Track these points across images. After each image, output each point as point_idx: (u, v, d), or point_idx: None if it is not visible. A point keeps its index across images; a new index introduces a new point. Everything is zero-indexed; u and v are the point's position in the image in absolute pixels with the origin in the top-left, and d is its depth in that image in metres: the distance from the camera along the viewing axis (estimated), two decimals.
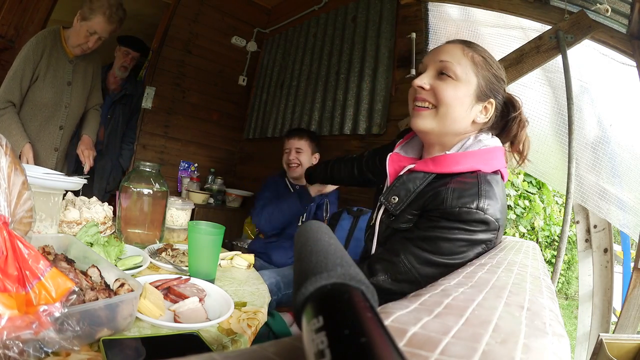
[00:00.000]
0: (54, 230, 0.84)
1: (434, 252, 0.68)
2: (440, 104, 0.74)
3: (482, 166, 0.72)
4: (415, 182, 0.76)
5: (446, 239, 0.67)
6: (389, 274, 0.71)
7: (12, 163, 0.52)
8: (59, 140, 1.70)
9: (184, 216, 1.25)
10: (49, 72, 1.58)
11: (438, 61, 0.76)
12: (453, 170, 0.73)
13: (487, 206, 0.66)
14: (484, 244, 0.67)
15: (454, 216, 0.67)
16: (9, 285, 0.42)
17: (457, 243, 0.67)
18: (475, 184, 0.68)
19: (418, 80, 0.76)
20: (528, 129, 0.83)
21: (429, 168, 0.76)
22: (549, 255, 4.10)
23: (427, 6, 1.87)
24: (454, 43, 0.78)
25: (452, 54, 0.75)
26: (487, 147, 0.75)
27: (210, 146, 3.05)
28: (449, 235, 0.67)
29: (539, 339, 0.25)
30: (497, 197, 0.68)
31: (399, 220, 0.77)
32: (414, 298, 0.32)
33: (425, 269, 0.68)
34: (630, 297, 1.23)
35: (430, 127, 0.76)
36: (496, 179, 0.72)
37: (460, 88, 0.73)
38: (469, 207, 0.65)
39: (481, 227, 0.66)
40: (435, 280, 0.66)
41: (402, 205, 0.76)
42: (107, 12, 1.53)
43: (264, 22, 3.15)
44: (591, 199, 1.37)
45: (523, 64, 1.48)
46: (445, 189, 0.69)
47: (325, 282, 0.19)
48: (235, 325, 0.64)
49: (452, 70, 0.73)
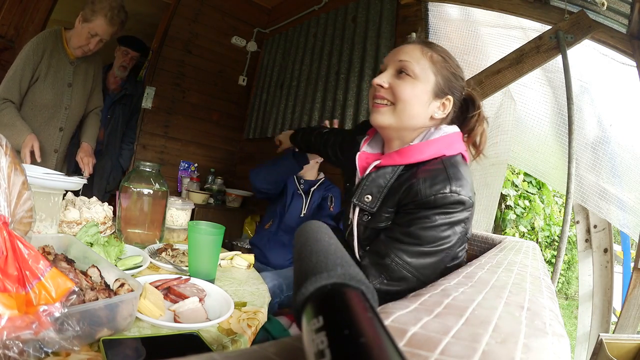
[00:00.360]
0: (54, 230, 0.84)
1: (421, 243, 0.70)
2: (397, 101, 0.78)
3: (446, 151, 0.76)
4: (385, 177, 0.78)
5: (429, 227, 0.70)
6: (383, 275, 0.73)
7: (12, 163, 0.52)
8: (59, 141, 1.70)
9: (184, 216, 1.25)
10: (49, 73, 1.58)
11: (397, 61, 0.80)
12: (419, 160, 0.77)
13: (459, 187, 0.69)
14: (463, 222, 0.72)
15: (432, 204, 0.70)
16: (9, 285, 0.42)
17: (440, 228, 0.70)
18: (442, 170, 0.72)
19: (377, 79, 0.80)
20: (528, 129, 0.84)
21: (395, 161, 0.79)
22: (549, 255, 4.11)
23: (427, 6, 1.87)
24: (413, 43, 0.82)
25: (411, 54, 0.79)
26: (447, 134, 0.79)
27: (210, 146, 3.05)
28: (431, 223, 0.70)
29: (539, 339, 0.25)
30: (464, 177, 0.72)
31: (377, 219, 0.78)
32: (414, 298, 0.32)
33: (418, 261, 0.71)
34: (630, 297, 1.23)
35: (388, 123, 0.79)
36: (459, 160, 0.76)
37: (418, 86, 0.77)
38: (444, 192, 0.69)
39: (459, 208, 0.70)
40: (429, 269, 0.71)
41: (376, 202, 0.78)
42: (109, 14, 1.52)
43: (264, 22, 3.15)
44: (591, 199, 1.37)
45: (523, 64, 1.48)
46: (416, 181, 0.72)
47: (325, 282, 0.19)
48: (235, 325, 0.64)
49: (411, 69, 0.77)
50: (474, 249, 1.12)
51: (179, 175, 2.89)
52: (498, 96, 1.62)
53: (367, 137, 0.91)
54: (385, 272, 0.72)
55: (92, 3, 1.52)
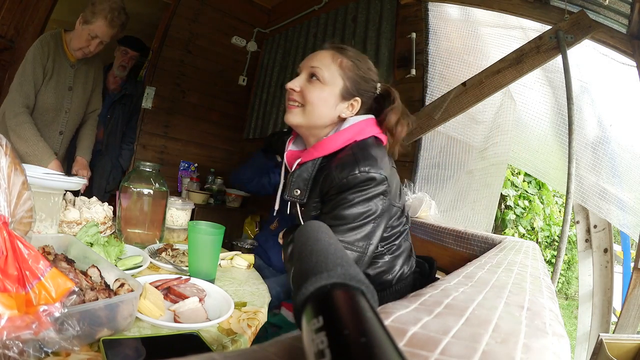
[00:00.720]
0: (54, 230, 0.84)
1: (347, 222, 0.79)
2: (306, 103, 0.88)
3: (357, 137, 0.85)
4: (307, 171, 0.88)
5: (349, 206, 0.79)
6: None
7: (12, 163, 0.52)
8: (59, 145, 1.69)
9: (184, 216, 1.25)
10: (52, 77, 1.57)
11: (310, 67, 0.90)
12: (333, 149, 0.86)
13: (367, 167, 0.77)
14: (381, 195, 0.80)
15: (346, 186, 0.79)
16: (9, 285, 0.42)
17: (360, 205, 0.79)
18: (350, 155, 0.81)
19: (290, 84, 0.91)
20: (528, 129, 0.86)
21: (313, 155, 0.88)
22: (549, 255, 4.11)
23: (427, 6, 1.87)
24: (326, 49, 0.93)
25: (322, 60, 0.90)
26: (357, 122, 0.87)
27: (210, 146, 3.05)
28: (349, 202, 0.79)
29: (539, 339, 0.25)
30: (372, 155, 0.80)
31: (309, 209, 0.87)
32: (413, 298, 0.32)
33: (350, 236, 0.79)
34: (630, 297, 1.23)
35: (298, 122, 0.89)
36: (369, 142, 0.85)
37: (326, 90, 0.87)
38: (354, 174, 0.78)
39: (371, 184, 0.78)
40: (364, 240, 0.80)
41: (305, 194, 0.87)
42: (109, 16, 1.51)
43: (264, 22, 3.15)
44: (591, 199, 1.37)
45: (523, 64, 1.48)
46: (331, 170, 0.81)
47: (325, 282, 0.19)
48: (235, 325, 0.64)
49: (320, 75, 0.87)
50: (474, 249, 1.12)
51: (179, 175, 2.89)
52: (498, 96, 1.62)
53: (292, 137, 1.01)
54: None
55: (92, 4, 1.51)
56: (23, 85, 1.49)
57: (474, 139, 1.70)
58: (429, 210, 1.57)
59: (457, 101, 1.66)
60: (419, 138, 1.79)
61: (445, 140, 1.77)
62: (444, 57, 1.80)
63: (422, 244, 1.43)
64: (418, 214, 1.53)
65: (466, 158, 1.71)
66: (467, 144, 1.72)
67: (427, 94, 1.82)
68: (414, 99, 1.87)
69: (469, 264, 0.57)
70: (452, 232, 1.24)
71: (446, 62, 1.79)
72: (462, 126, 1.73)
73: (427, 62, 1.83)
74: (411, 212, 1.57)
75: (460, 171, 1.71)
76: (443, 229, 1.30)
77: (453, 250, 1.22)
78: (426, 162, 1.79)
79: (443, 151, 1.76)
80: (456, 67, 1.74)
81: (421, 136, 1.78)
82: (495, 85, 1.56)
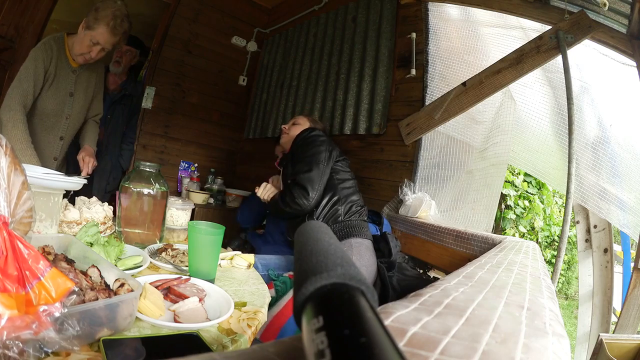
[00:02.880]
0: (54, 230, 0.84)
1: (309, 161, 1.42)
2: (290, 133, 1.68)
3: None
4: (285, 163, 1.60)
5: (307, 150, 1.46)
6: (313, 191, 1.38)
7: (12, 163, 0.52)
8: (59, 150, 1.69)
9: (184, 216, 1.25)
10: (53, 82, 1.55)
11: (292, 122, 1.75)
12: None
13: (313, 130, 1.55)
14: (321, 137, 1.50)
15: (302, 140, 1.51)
16: (8, 285, 0.42)
17: (312, 147, 1.46)
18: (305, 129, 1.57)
19: (284, 126, 1.77)
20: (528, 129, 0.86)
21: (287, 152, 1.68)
22: (549, 255, 4.11)
23: (427, 6, 1.87)
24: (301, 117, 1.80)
25: (297, 119, 1.76)
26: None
27: (210, 146, 3.05)
28: (307, 151, 1.45)
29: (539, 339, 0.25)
30: (309, 125, 1.68)
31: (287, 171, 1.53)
32: (413, 298, 0.32)
33: (311, 172, 1.40)
34: (630, 297, 1.23)
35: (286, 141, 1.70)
36: (305, 121, 1.73)
37: (298, 128, 1.64)
38: (307, 134, 1.52)
39: (316, 133, 1.52)
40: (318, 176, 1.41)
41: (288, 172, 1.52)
42: (111, 23, 1.48)
43: (264, 22, 3.15)
44: (591, 199, 1.37)
45: (523, 64, 1.48)
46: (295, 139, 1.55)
47: (325, 282, 0.19)
48: (235, 325, 0.64)
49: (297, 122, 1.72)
50: (474, 249, 1.12)
51: (179, 175, 2.89)
52: (498, 96, 1.62)
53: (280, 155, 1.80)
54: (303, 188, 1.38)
55: (95, 10, 1.48)
56: (23, 82, 1.48)
57: (474, 139, 1.70)
58: (429, 210, 1.57)
59: (457, 101, 1.66)
60: (419, 138, 1.79)
61: (445, 140, 1.77)
62: (444, 57, 1.80)
63: (422, 244, 1.43)
64: (418, 214, 1.53)
65: (466, 158, 1.71)
66: (467, 144, 1.72)
67: (427, 94, 1.82)
68: (414, 99, 1.87)
69: (469, 264, 0.57)
70: (452, 232, 1.24)
71: (446, 62, 1.79)
72: (462, 126, 1.73)
73: (427, 62, 1.83)
74: (411, 212, 1.57)
75: (460, 171, 1.71)
76: (443, 229, 1.30)
77: (453, 250, 1.22)
78: (426, 162, 1.79)
79: (443, 151, 1.76)
80: (456, 67, 1.74)
81: (421, 136, 1.78)
82: (495, 85, 1.56)
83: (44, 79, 1.52)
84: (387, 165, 1.93)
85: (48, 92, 1.56)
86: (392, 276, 1.26)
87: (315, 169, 1.42)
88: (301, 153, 1.48)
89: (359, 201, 1.47)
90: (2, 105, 1.46)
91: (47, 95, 1.56)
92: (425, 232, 1.41)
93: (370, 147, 2.04)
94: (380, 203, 1.84)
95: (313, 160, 1.43)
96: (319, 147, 1.46)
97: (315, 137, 1.50)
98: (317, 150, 1.45)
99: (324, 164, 1.44)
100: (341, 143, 2.21)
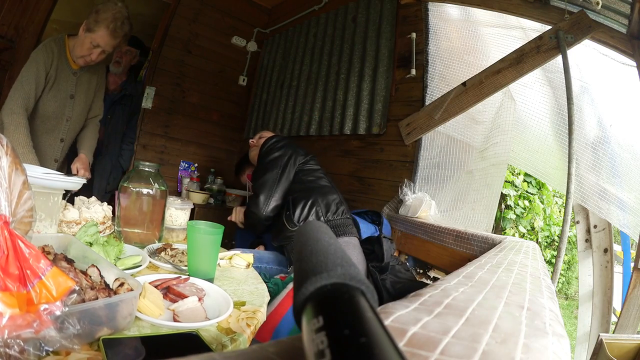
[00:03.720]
0: (54, 230, 0.84)
1: (263, 169, 1.48)
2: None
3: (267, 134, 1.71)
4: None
5: (265, 159, 1.53)
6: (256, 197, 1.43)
7: (13, 163, 0.52)
8: (59, 152, 1.68)
9: (183, 216, 1.25)
10: (54, 85, 1.55)
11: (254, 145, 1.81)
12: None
13: (272, 138, 1.58)
14: (279, 143, 1.54)
15: (262, 151, 1.54)
16: (10, 284, 0.42)
17: (269, 155, 1.49)
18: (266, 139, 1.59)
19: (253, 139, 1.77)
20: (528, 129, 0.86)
21: None
22: (549, 255, 4.11)
23: (427, 6, 1.87)
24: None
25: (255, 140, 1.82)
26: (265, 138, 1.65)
27: (210, 146, 3.05)
28: (264, 160, 1.52)
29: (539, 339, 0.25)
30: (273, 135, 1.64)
31: None
32: (413, 298, 0.32)
33: (262, 177, 1.45)
34: (630, 297, 1.23)
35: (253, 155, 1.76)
36: (270, 133, 1.70)
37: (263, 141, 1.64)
38: (266, 144, 1.55)
39: (275, 140, 1.56)
40: (272, 178, 1.45)
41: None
42: (111, 25, 1.47)
43: (264, 22, 3.15)
44: (591, 199, 1.37)
45: (523, 64, 1.48)
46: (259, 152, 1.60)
47: (325, 282, 0.19)
48: (234, 324, 0.64)
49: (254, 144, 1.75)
50: (474, 249, 1.12)
51: (179, 175, 2.89)
52: (498, 96, 1.62)
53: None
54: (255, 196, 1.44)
55: (96, 12, 1.47)
56: (24, 85, 1.47)
57: (474, 139, 1.70)
58: (429, 210, 1.57)
59: (457, 101, 1.66)
60: (419, 138, 1.79)
61: (445, 140, 1.77)
62: (444, 57, 1.80)
63: (422, 244, 1.43)
64: (418, 214, 1.53)
65: (466, 158, 1.71)
66: (467, 144, 1.72)
67: (427, 94, 1.82)
68: (414, 99, 1.87)
69: (469, 264, 0.57)
70: (452, 232, 1.24)
71: (446, 62, 1.79)
72: (462, 126, 1.73)
73: (427, 62, 1.83)
74: (411, 212, 1.57)
75: (460, 171, 1.71)
76: (443, 229, 1.30)
77: (453, 250, 1.22)
78: (426, 162, 1.79)
79: (443, 151, 1.76)
80: (456, 67, 1.74)
81: (421, 136, 1.78)
82: (495, 85, 1.56)
83: (44, 81, 1.51)
84: (387, 165, 1.93)
85: (49, 94, 1.55)
86: (385, 279, 1.25)
87: (267, 174, 1.44)
88: (259, 163, 1.51)
89: (337, 199, 1.44)
90: (4, 108, 1.45)
91: (47, 98, 1.55)
92: (425, 232, 1.41)
93: (370, 147, 2.04)
94: (380, 203, 1.84)
95: (267, 166, 1.46)
96: (275, 153, 1.49)
97: (274, 144, 1.53)
98: (273, 157, 1.48)
99: (279, 169, 1.45)
100: (341, 143, 2.21)
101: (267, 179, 1.43)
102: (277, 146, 1.52)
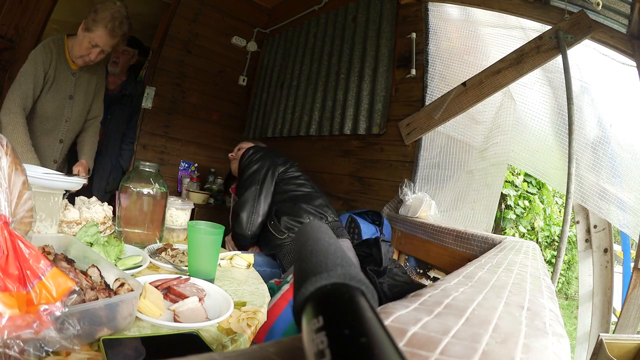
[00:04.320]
0: (54, 230, 0.84)
1: (242, 186, 1.47)
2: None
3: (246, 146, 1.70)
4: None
5: (243, 174, 1.50)
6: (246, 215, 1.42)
7: (13, 163, 0.52)
8: (59, 153, 1.68)
9: (184, 216, 1.25)
10: (52, 85, 1.54)
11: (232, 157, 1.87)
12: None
13: (248, 151, 1.56)
14: (257, 155, 1.53)
15: (241, 165, 1.54)
16: (9, 284, 0.42)
17: (247, 169, 1.50)
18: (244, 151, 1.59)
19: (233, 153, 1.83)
20: (528, 129, 0.86)
21: None
22: (549, 255, 4.10)
23: (427, 6, 1.87)
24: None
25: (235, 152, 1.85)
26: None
27: (210, 146, 3.05)
28: (243, 176, 1.50)
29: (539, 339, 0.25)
30: (250, 146, 1.65)
31: None
32: (413, 298, 0.32)
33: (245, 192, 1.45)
34: (630, 297, 1.23)
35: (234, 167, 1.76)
36: (248, 144, 1.73)
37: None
38: (244, 157, 1.54)
39: (252, 152, 1.55)
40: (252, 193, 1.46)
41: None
42: (110, 25, 1.46)
43: (264, 22, 3.15)
44: (591, 199, 1.37)
45: (523, 64, 1.48)
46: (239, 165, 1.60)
47: (325, 282, 0.19)
48: (234, 324, 0.64)
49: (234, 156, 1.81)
50: (474, 249, 1.12)
51: (179, 175, 2.89)
52: (498, 96, 1.62)
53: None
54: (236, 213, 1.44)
55: (94, 12, 1.46)
56: (22, 85, 1.46)
57: (474, 139, 1.70)
58: (429, 210, 1.57)
59: (457, 101, 1.66)
60: (419, 138, 1.79)
61: (445, 140, 1.77)
62: (444, 57, 1.80)
63: (422, 244, 1.43)
64: (418, 214, 1.53)
65: (466, 158, 1.71)
66: (467, 144, 1.72)
67: (427, 94, 1.82)
68: (414, 99, 1.87)
69: (469, 264, 0.57)
70: (452, 232, 1.24)
71: (446, 62, 1.79)
72: (462, 126, 1.73)
73: (427, 62, 1.83)
74: (411, 212, 1.57)
75: (460, 171, 1.71)
76: (443, 229, 1.30)
77: (453, 250, 1.22)
78: (426, 162, 1.79)
79: (443, 151, 1.76)
80: (456, 67, 1.74)
81: (421, 136, 1.78)
82: (495, 85, 1.56)
83: (43, 81, 1.50)
84: (387, 165, 1.93)
85: (47, 95, 1.54)
86: (382, 283, 1.25)
87: (247, 192, 1.44)
88: (240, 178, 1.51)
89: (322, 203, 1.45)
90: (2, 108, 1.45)
91: (46, 98, 1.54)
92: (425, 232, 1.41)
93: (370, 147, 2.04)
94: (380, 203, 1.84)
95: (246, 183, 1.46)
96: (254, 166, 1.49)
97: (251, 155, 1.53)
98: (251, 171, 1.48)
99: (257, 184, 1.45)
100: (341, 143, 2.21)
101: (247, 198, 1.43)
102: (255, 158, 1.51)
